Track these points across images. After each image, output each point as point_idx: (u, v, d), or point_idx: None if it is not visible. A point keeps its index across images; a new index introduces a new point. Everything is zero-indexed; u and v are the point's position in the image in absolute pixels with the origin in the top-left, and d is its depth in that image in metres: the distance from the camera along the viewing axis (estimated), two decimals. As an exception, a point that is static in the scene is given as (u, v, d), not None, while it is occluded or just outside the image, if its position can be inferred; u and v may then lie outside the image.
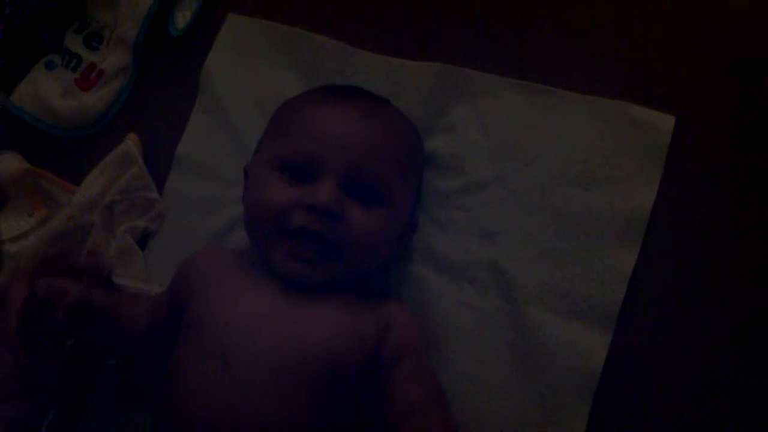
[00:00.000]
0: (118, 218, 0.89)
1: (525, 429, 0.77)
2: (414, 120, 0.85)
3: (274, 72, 0.93)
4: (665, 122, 0.81)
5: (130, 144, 0.91)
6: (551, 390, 0.77)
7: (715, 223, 0.79)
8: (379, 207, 0.75)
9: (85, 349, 0.81)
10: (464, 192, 0.84)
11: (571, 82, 0.85)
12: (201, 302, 0.75)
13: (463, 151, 0.85)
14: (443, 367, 0.80)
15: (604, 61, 0.85)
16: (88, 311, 0.76)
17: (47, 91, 0.96)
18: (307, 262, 0.73)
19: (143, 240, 0.90)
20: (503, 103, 0.86)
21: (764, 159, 0.80)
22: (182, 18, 0.96)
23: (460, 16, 0.90)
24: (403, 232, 0.81)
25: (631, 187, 0.80)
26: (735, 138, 0.81)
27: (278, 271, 0.74)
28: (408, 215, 0.81)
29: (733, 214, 0.79)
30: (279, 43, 0.94)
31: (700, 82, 0.83)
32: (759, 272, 0.77)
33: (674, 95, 0.83)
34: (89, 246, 0.88)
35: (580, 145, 0.83)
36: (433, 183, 0.85)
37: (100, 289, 0.82)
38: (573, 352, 0.77)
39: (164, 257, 0.87)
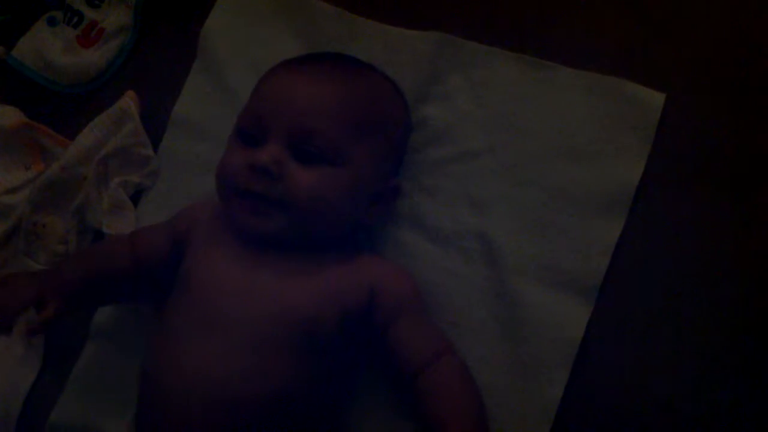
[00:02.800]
0: (112, 173, 0.90)
1: (504, 396, 0.78)
2: (408, 88, 0.86)
3: (272, 36, 0.94)
4: (655, 99, 0.82)
5: (128, 101, 0.91)
6: (531, 358, 0.78)
7: (701, 200, 0.80)
8: (329, 167, 0.74)
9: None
10: (455, 161, 0.85)
11: (567, 56, 0.86)
12: (192, 259, 0.78)
13: (456, 121, 0.86)
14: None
15: (601, 37, 0.86)
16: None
17: (48, 47, 0.97)
18: (257, 215, 0.74)
19: (136, 196, 0.91)
20: (498, 75, 0.87)
21: (754, 140, 0.81)
22: (184, -21, 0.97)
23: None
24: (380, 197, 0.80)
25: (620, 162, 0.82)
26: (726, 118, 0.82)
27: (238, 228, 0.76)
28: (377, 179, 0.79)
29: (720, 192, 0.80)
30: (278, 8, 0.95)
31: (695, 62, 0.84)
32: (740, 249, 0.78)
33: (669, 74, 0.84)
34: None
35: (571, 119, 0.84)
36: (424, 151, 0.86)
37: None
38: (555, 321, 0.79)
39: (156, 213, 0.88)
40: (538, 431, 0.76)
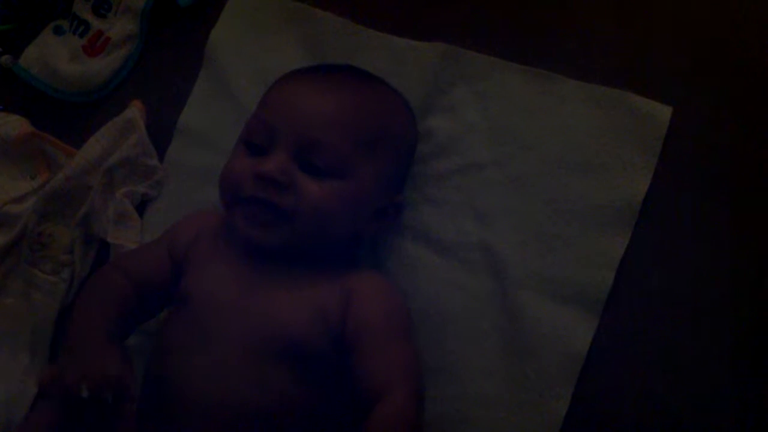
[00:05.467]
0: (117, 183, 0.90)
1: (508, 409, 0.78)
2: (413, 99, 0.86)
3: (278, 46, 0.94)
4: (662, 112, 0.82)
5: (134, 111, 0.92)
6: (536, 372, 0.78)
7: (707, 214, 0.80)
8: (335, 180, 0.74)
9: None
10: (460, 173, 0.85)
11: (572, 69, 0.86)
12: (192, 275, 0.78)
13: (462, 133, 0.86)
14: (431, 346, 0.81)
15: (606, 50, 0.86)
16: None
17: (54, 56, 0.97)
18: (261, 226, 0.74)
19: (142, 206, 0.91)
20: (504, 87, 0.87)
21: (759, 153, 0.81)
22: (191, -12, 0.97)
23: (463, -1, 0.91)
24: (383, 212, 0.80)
25: (626, 175, 0.81)
26: (731, 131, 0.82)
27: (240, 237, 0.75)
28: (382, 193, 0.79)
29: (726, 207, 0.80)
30: (284, 18, 0.95)
31: (698, 74, 0.84)
32: (748, 264, 0.78)
33: (673, 86, 0.84)
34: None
35: (577, 131, 0.84)
36: (429, 162, 0.86)
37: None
38: (559, 335, 0.78)
39: (161, 224, 0.88)
40: (543, 446, 0.76)
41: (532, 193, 0.83)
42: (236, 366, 0.71)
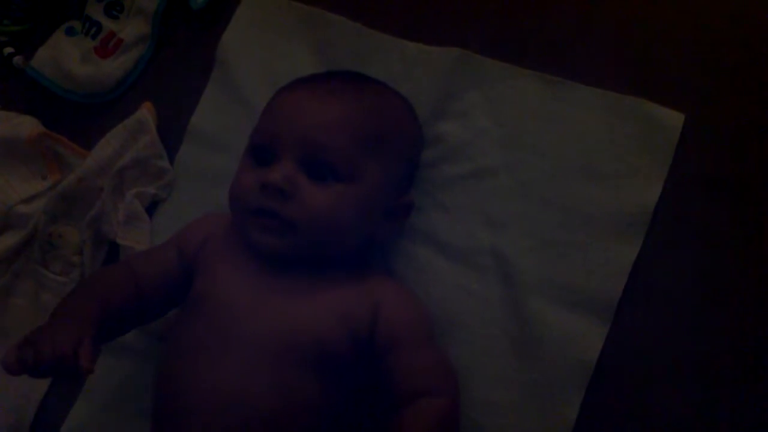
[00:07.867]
0: (128, 184, 0.90)
1: (517, 416, 0.78)
2: (425, 104, 0.86)
3: (289, 50, 0.94)
4: (674, 119, 0.82)
5: (146, 112, 0.92)
6: (546, 378, 0.78)
7: (718, 222, 0.80)
8: (340, 184, 0.74)
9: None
10: (471, 178, 0.85)
11: (584, 75, 0.86)
12: (205, 277, 0.77)
13: (473, 138, 0.86)
14: (441, 351, 0.81)
15: (618, 56, 0.86)
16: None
17: (66, 57, 0.97)
18: (272, 233, 0.74)
19: (152, 207, 0.92)
20: (516, 93, 0.86)
21: (769, 161, 0.81)
22: (203, -9, 0.97)
23: (477, 4, 0.91)
24: (393, 213, 0.80)
25: (637, 183, 0.81)
26: (740, 138, 0.82)
27: (252, 247, 0.75)
28: (389, 195, 0.79)
29: (737, 214, 0.80)
30: (295, 21, 0.95)
31: (711, 81, 0.83)
32: (759, 272, 0.78)
33: (682, 94, 0.83)
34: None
35: (589, 138, 0.84)
36: (440, 167, 0.86)
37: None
38: (569, 342, 0.78)
39: (171, 226, 0.88)
40: (553, 452, 0.76)
41: (543, 199, 0.83)
42: (256, 369, 0.71)
